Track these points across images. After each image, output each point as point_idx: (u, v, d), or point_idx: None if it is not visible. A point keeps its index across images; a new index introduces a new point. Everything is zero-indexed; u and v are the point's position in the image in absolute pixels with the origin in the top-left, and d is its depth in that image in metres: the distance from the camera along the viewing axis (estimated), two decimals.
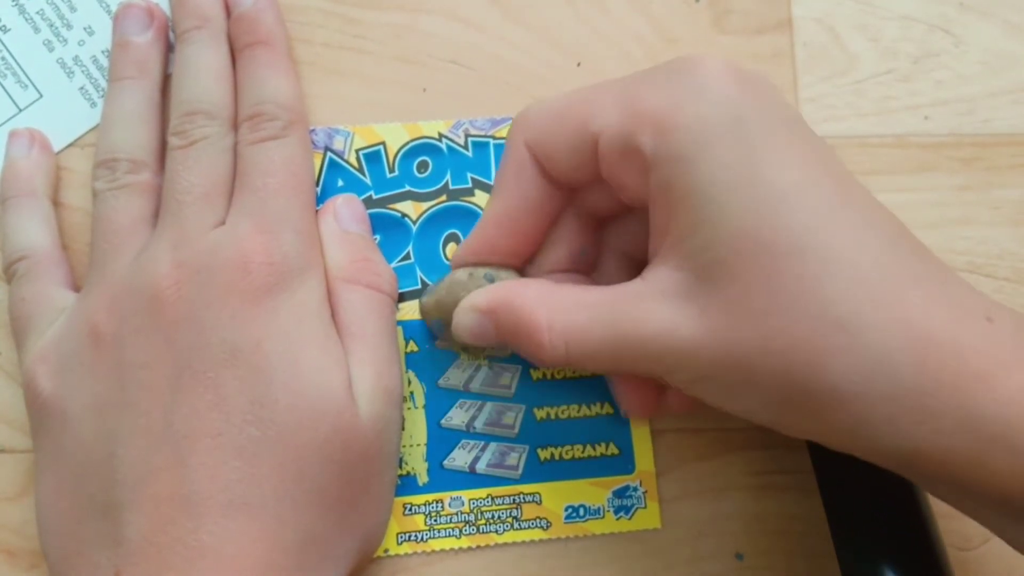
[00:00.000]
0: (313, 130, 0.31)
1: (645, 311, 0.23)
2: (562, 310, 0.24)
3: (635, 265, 0.27)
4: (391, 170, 0.31)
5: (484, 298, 0.26)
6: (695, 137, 0.22)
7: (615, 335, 0.23)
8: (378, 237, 0.31)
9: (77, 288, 0.30)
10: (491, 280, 0.27)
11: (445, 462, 0.29)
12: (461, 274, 0.27)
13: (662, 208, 0.23)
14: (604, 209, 0.27)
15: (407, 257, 0.31)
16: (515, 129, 0.26)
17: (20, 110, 0.31)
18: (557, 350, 0.24)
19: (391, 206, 0.31)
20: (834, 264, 0.20)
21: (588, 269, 0.28)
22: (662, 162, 0.22)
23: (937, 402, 0.20)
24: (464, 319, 0.26)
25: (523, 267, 0.28)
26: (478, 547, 0.29)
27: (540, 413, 0.30)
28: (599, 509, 0.29)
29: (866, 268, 0.21)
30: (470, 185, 0.31)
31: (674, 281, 0.22)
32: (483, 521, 0.29)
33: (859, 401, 0.20)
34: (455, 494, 0.29)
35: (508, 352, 0.30)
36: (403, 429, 0.29)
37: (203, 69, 0.29)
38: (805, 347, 0.20)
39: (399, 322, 0.30)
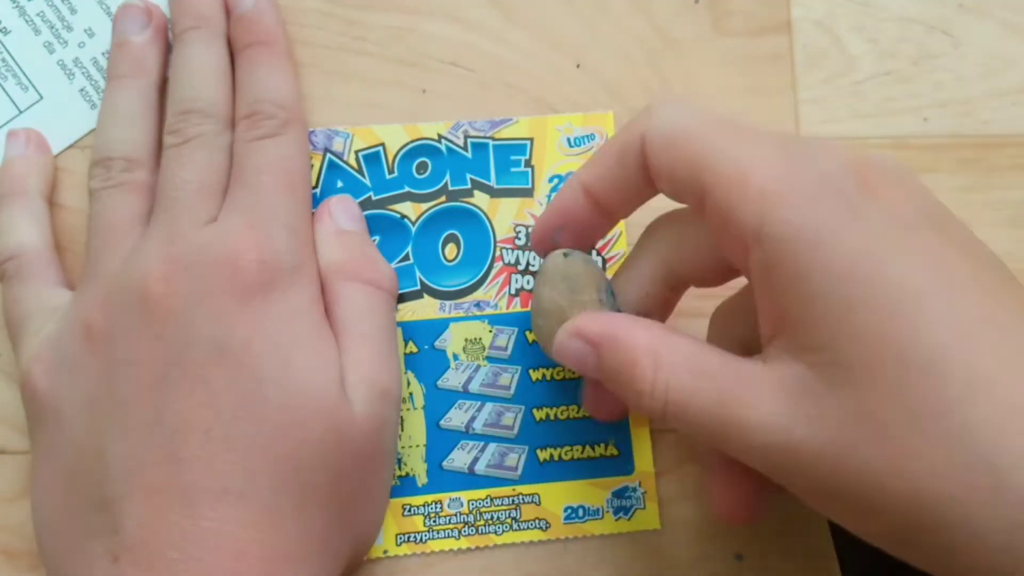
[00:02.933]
0: (313, 131, 0.31)
1: (759, 396, 0.20)
2: (670, 364, 0.22)
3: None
4: (390, 171, 0.31)
5: (594, 327, 0.23)
6: (808, 219, 0.20)
7: (721, 413, 0.21)
8: (377, 238, 0.31)
9: (72, 287, 0.30)
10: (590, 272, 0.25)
11: (444, 463, 0.29)
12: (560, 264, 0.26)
13: (770, 290, 0.21)
14: (690, 272, 0.25)
15: (406, 258, 0.31)
16: (642, 117, 0.24)
17: (20, 112, 0.32)
18: (656, 404, 0.22)
19: (390, 207, 0.31)
20: (980, 388, 0.18)
21: (655, 314, 0.26)
22: (768, 240, 0.20)
23: None
24: (569, 344, 0.24)
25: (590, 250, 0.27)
26: (477, 548, 0.29)
27: (539, 414, 0.30)
28: (598, 510, 0.29)
29: (1019, 398, 0.18)
30: (469, 186, 0.31)
31: (794, 375, 0.20)
32: (482, 522, 0.29)
33: (1004, 555, 0.18)
34: (454, 495, 0.29)
35: None
36: (402, 429, 0.29)
37: (199, 68, 0.29)
38: (942, 476, 0.18)
39: (398, 323, 0.30)
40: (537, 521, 0.29)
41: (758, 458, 0.21)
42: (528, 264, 0.31)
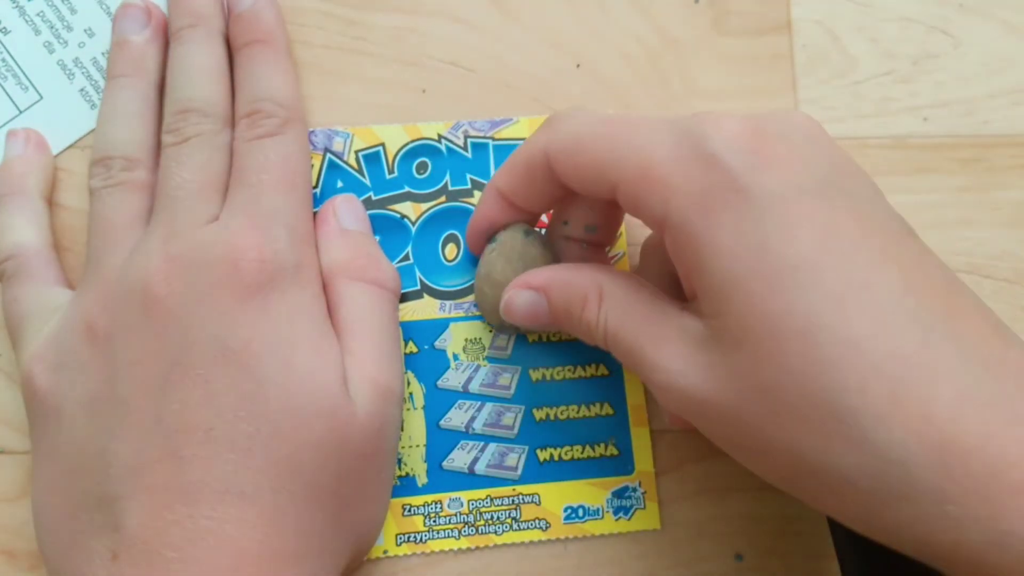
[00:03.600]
0: (313, 131, 0.31)
1: (665, 339, 0.23)
2: (610, 297, 0.25)
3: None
4: (390, 171, 0.31)
5: (541, 277, 0.26)
6: (701, 205, 0.22)
7: (637, 348, 0.24)
8: (378, 238, 0.31)
9: (72, 286, 0.30)
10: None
11: (444, 463, 0.29)
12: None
13: (678, 264, 0.23)
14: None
15: (407, 258, 0.31)
16: (543, 131, 0.26)
17: (20, 112, 0.32)
18: (599, 333, 0.25)
19: (390, 207, 0.31)
20: (849, 350, 0.19)
21: (601, 241, 0.29)
22: (672, 227, 0.22)
23: (963, 511, 0.18)
24: (518, 296, 0.27)
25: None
26: (477, 548, 0.29)
27: (539, 414, 0.30)
28: (598, 510, 0.29)
29: (883, 358, 0.19)
30: (469, 186, 0.31)
31: (695, 329, 0.22)
32: (482, 522, 0.29)
33: (872, 496, 0.19)
34: (454, 495, 0.29)
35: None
36: (402, 429, 0.29)
37: (197, 67, 0.29)
38: (812, 432, 0.20)
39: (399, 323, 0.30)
40: (537, 521, 0.29)
41: (660, 395, 0.23)
42: None
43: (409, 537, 0.29)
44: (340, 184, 0.31)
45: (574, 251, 0.28)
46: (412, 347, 0.30)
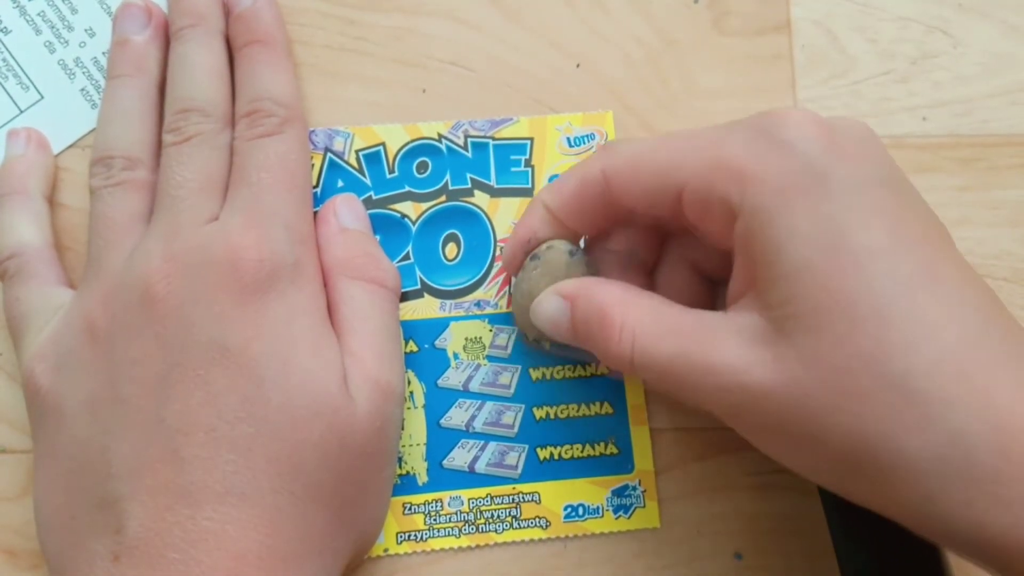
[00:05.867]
0: (313, 131, 0.31)
1: (720, 341, 0.23)
2: (638, 314, 0.24)
3: (700, 277, 0.28)
4: (391, 171, 0.31)
5: (570, 286, 0.26)
6: (778, 191, 0.22)
7: (686, 356, 0.23)
8: (378, 237, 0.31)
9: (73, 286, 0.30)
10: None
11: (444, 462, 0.29)
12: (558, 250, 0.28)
13: (746, 256, 0.23)
14: (666, 225, 0.28)
15: (407, 257, 0.31)
16: (599, 154, 0.26)
17: (21, 111, 0.32)
18: (623, 348, 0.24)
19: (391, 206, 0.31)
20: (919, 335, 0.20)
21: (641, 271, 0.29)
22: (747, 213, 0.22)
23: (1018, 494, 0.19)
24: (547, 301, 0.26)
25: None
26: (477, 546, 0.29)
27: (539, 413, 0.30)
28: (598, 508, 0.29)
29: (952, 344, 0.20)
30: (469, 186, 0.31)
31: (753, 325, 0.22)
32: (482, 520, 0.29)
33: (931, 479, 0.20)
34: (454, 493, 0.29)
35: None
36: (403, 428, 0.29)
37: (197, 67, 0.29)
38: (880, 414, 0.20)
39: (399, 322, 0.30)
40: (537, 519, 0.29)
41: (716, 397, 0.23)
42: None
43: (410, 535, 0.29)
44: (340, 184, 0.31)
45: (615, 273, 0.28)
46: (412, 346, 0.30)
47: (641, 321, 0.24)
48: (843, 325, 0.21)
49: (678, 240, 0.28)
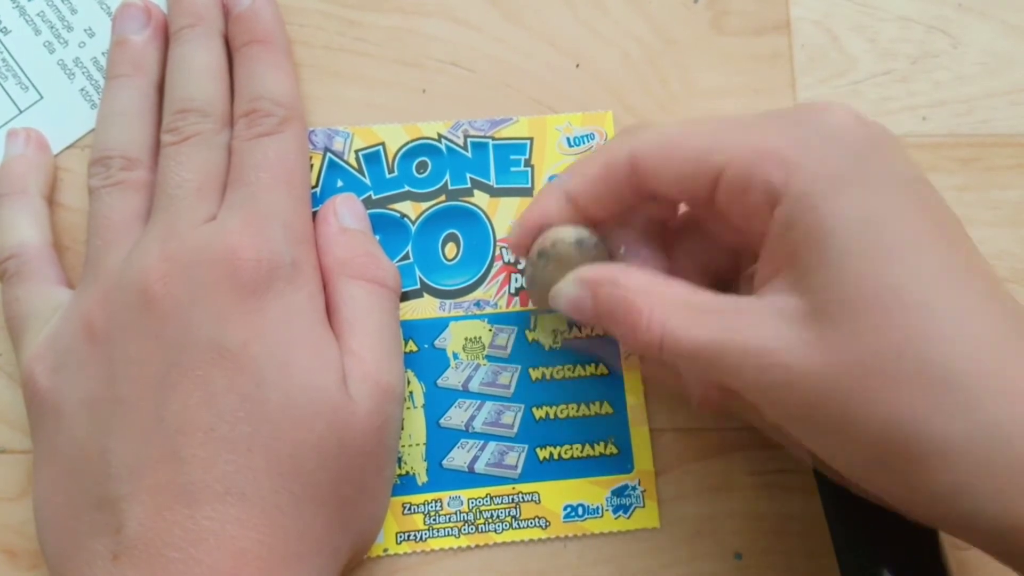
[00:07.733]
0: (312, 131, 0.31)
1: (757, 323, 0.23)
2: (666, 301, 0.24)
3: (707, 278, 0.28)
4: (390, 171, 0.31)
5: (593, 272, 0.26)
6: (825, 178, 0.22)
7: (723, 338, 0.23)
8: (378, 237, 0.31)
9: (72, 286, 0.30)
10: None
11: (444, 462, 0.29)
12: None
13: (785, 240, 0.23)
14: (669, 220, 0.28)
15: (407, 257, 0.31)
16: (623, 137, 0.26)
17: (21, 111, 0.32)
18: (652, 336, 0.24)
19: (390, 206, 0.31)
20: (959, 326, 0.21)
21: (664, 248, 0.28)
22: (792, 198, 0.22)
23: None
24: (568, 288, 0.26)
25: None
26: (477, 546, 0.29)
27: (539, 412, 0.30)
28: (598, 508, 0.29)
29: (989, 336, 0.21)
30: (469, 185, 0.31)
31: (793, 306, 0.22)
32: (482, 520, 0.29)
33: (965, 465, 0.20)
34: (454, 493, 0.29)
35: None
36: (402, 428, 0.29)
37: (196, 67, 0.29)
38: (919, 399, 0.20)
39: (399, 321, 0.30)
40: (537, 519, 0.29)
41: (754, 378, 0.23)
42: None
43: (409, 535, 0.29)
44: (340, 183, 0.31)
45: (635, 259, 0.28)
46: (412, 346, 0.30)
47: (671, 308, 0.24)
48: (886, 312, 0.21)
49: (684, 242, 0.28)
